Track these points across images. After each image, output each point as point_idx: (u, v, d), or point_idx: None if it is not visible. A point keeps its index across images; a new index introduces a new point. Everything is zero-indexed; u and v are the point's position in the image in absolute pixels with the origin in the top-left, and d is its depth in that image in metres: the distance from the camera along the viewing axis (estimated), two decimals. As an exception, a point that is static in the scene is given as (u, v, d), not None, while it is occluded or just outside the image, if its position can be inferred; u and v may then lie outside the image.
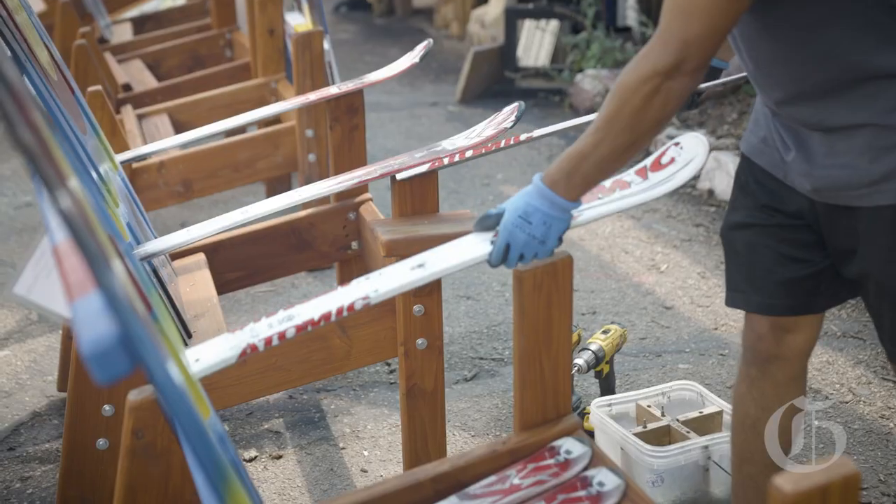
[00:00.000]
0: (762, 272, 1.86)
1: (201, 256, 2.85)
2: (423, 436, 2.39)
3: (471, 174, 4.71)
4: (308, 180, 3.85)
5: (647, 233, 3.96)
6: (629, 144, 1.62)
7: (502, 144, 2.36)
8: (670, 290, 3.47)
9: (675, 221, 4.08)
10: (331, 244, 2.95)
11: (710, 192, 4.28)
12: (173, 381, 1.09)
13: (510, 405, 2.82)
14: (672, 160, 1.77)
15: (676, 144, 1.80)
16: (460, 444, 2.63)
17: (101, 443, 2.28)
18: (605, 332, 2.65)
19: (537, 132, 2.43)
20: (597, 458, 1.71)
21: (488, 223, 1.73)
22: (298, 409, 2.83)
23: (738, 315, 3.27)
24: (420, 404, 2.37)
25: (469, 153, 2.29)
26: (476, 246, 1.73)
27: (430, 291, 2.30)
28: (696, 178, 4.27)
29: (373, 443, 2.67)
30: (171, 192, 3.75)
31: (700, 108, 4.34)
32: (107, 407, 2.27)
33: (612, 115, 1.61)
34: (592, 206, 1.74)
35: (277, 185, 4.30)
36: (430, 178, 2.28)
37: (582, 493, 1.65)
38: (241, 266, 2.95)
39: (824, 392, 2.83)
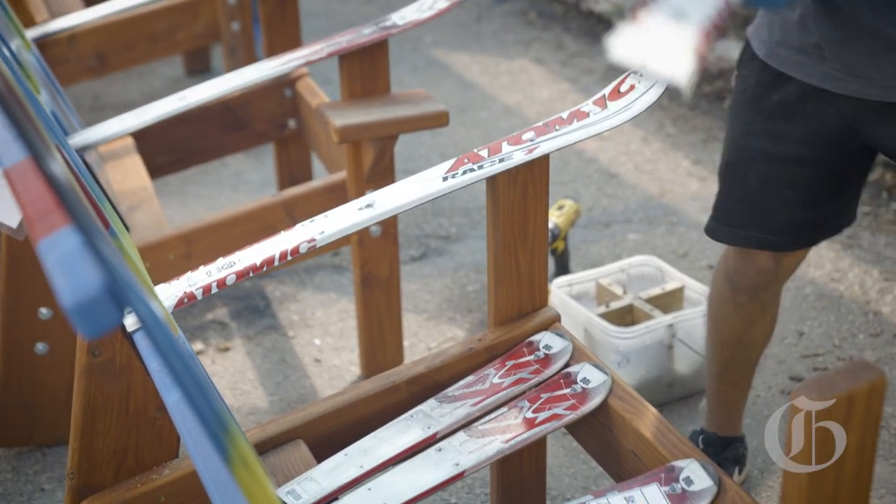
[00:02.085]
0: (776, 212, 1.76)
1: (129, 140, 2.68)
2: (379, 324, 2.32)
3: (397, 38, 4.52)
4: (232, 52, 3.65)
5: (585, 95, 3.86)
6: None
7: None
8: (613, 157, 3.40)
9: (612, 83, 3.98)
10: (267, 123, 2.80)
11: (646, 52, 4.18)
12: (159, 319, 0.98)
13: (461, 285, 2.75)
14: (632, 87, 1.67)
15: (636, 71, 1.69)
16: (414, 328, 2.56)
17: (41, 347, 2.16)
18: (559, 207, 2.57)
19: None
20: (578, 353, 1.65)
21: None
22: (242, 297, 2.72)
23: (683, 180, 3.23)
24: (375, 293, 2.28)
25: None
26: (426, 184, 1.61)
27: (383, 176, 2.19)
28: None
29: (323, 330, 2.59)
30: (84, 67, 3.50)
31: None
32: (44, 310, 2.14)
33: None
34: (549, 138, 1.63)
35: (196, 58, 4.08)
36: (380, 55, 2.14)
37: (566, 391, 1.59)
38: (172, 149, 2.79)
39: (774, 258, 2.82)
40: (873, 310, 2.60)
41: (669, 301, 2.31)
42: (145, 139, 2.66)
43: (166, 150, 2.76)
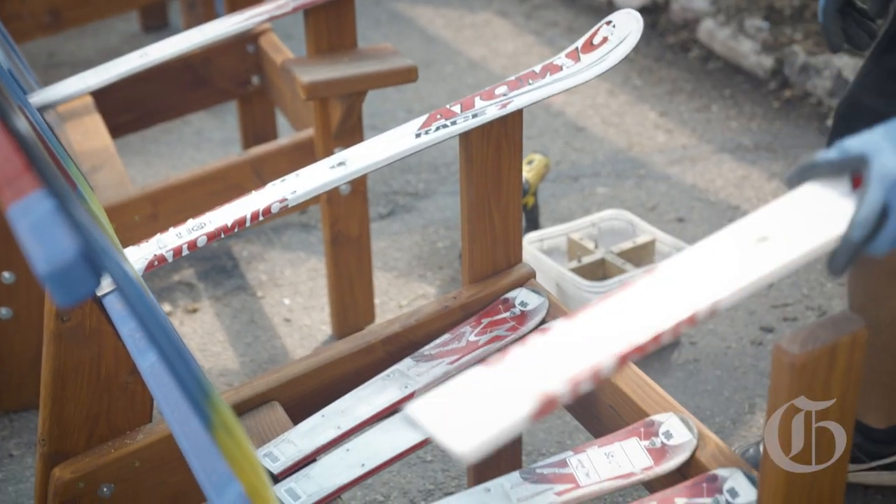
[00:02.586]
0: None
1: (88, 99, 2.62)
2: (350, 283, 2.30)
3: (359, -9, 4.46)
4: (191, 7, 3.58)
5: (551, 49, 3.83)
6: None
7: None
8: (580, 111, 3.38)
9: (578, 36, 3.95)
10: (229, 79, 2.75)
11: (610, 3, 4.15)
12: (133, 281, 0.95)
13: (431, 242, 2.73)
14: (605, 40, 1.64)
15: (609, 23, 1.66)
16: (385, 286, 2.54)
17: (4, 312, 2.12)
18: (528, 162, 2.55)
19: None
20: (554, 310, 1.64)
21: (841, 164, 1.02)
22: (209, 258, 2.69)
23: (650, 133, 3.22)
24: (345, 251, 2.26)
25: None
26: (400, 139, 1.58)
27: (351, 133, 2.16)
28: (594, -12, 4.13)
29: (293, 290, 2.56)
30: (38, 23, 3.41)
31: None
32: (6, 274, 2.10)
33: None
34: (522, 92, 1.60)
35: (153, 14, 3.99)
36: (346, 9, 2.09)
37: (543, 347, 1.58)
38: (132, 108, 2.73)
39: (742, 208, 2.83)
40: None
41: (641, 254, 2.31)
42: (105, 98, 2.60)
43: (127, 108, 2.70)
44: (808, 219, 1.03)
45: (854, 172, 1.02)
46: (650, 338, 0.93)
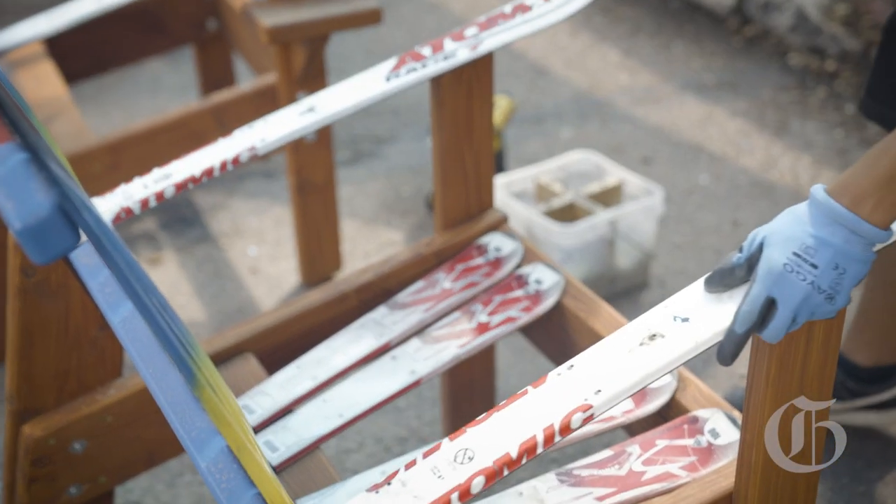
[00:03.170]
0: None
1: (38, 46, 2.54)
2: (317, 231, 2.27)
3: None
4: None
5: (509, -10, 3.79)
6: None
7: None
8: (542, 52, 3.35)
9: (536, -24, 3.90)
10: (186, 24, 2.68)
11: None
12: (110, 231, 0.92)
13: (396, 187, 2.70)
14: None
15: None
16: (353, 233, 2.52)
17: (-35, 268, 2.06)
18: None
19: None
20: (529, 254, 1.63)
21: (736, 275, 1.04)
22: (169, 207, 2.64)
23: (612, 73, 3.20)
24: (311, 199, 2.23)
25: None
26: (371, 84, 1.54)
27: (315, 77, 2.12)
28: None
29: (258, 238, 2.52)
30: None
31: None
32: (-34, 229, 2.04)
33: None
34: (493, 34, 1.56)
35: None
36: (307, -51, 2.04)
37: (519, 292, 1.57)
38: (86, 54, 2.66)
39: (708, 148, 2.82)
40: (805, 196, 2.60)
41: (609, 196, 2.30)
42: (57, 44, 2.53)
43: (80, 55, 2.63)
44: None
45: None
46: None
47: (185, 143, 2.13)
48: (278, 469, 1.34)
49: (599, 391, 0.98)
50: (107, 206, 1.46)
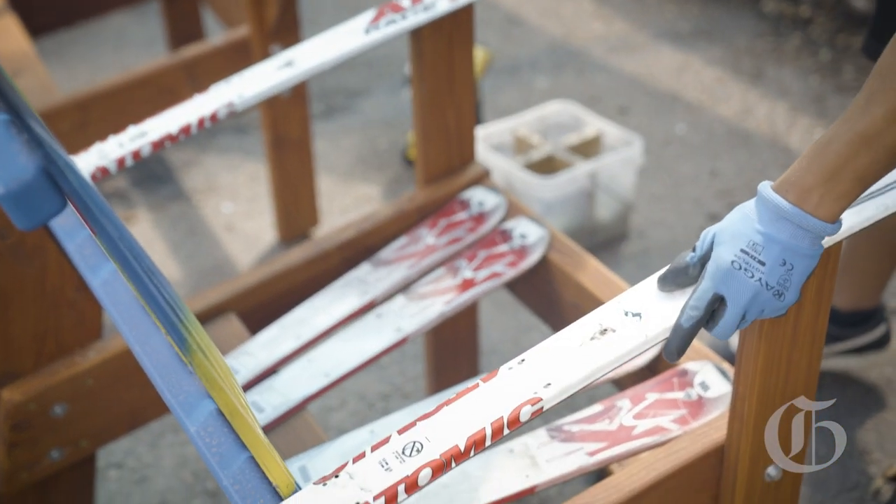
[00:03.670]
0: None
1: None
2: (293, 186, 2.24)
3: None
4: None
5: (480, -62, 3.73)
6: None
7: None
8: (516, 2, 3.31)
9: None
10: (152, -24, 2.62)
11: None
12: (92, 190, 0.89)
13: (371, 141, 2.67)
14: None
15: None
16: (329, 188, 2.48)
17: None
18: (469, 56, 2.48)
19: None
20: (513, 209, 1.61)
21: (689, 274, 1.02)
22: (141, 165, 2.59)
23: (587, 22, 3.17)
24: (287, 154, 2.19)
25: None
26: (349, 37, 1.50)
27: (289, 29, 2.07)
28: None
29: (232, 195, 2.49)
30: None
31: None
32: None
33: None
34: None
35: None
36: None
37: (504, 247, 1.55)
38: (49, 7, 2.60)
39: (684, 97, 2.81)
40: (782, 143, 2.61)
41: (588, 147, 2.28)
42: (19, -2, 2.47)
43: (44, 8, 2.56)
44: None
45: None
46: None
47: (157, 100, 2.08)
48: (265, 430, 1.32)
49: (549, 384, 0.98)
50: (82, 164, 1.42)
